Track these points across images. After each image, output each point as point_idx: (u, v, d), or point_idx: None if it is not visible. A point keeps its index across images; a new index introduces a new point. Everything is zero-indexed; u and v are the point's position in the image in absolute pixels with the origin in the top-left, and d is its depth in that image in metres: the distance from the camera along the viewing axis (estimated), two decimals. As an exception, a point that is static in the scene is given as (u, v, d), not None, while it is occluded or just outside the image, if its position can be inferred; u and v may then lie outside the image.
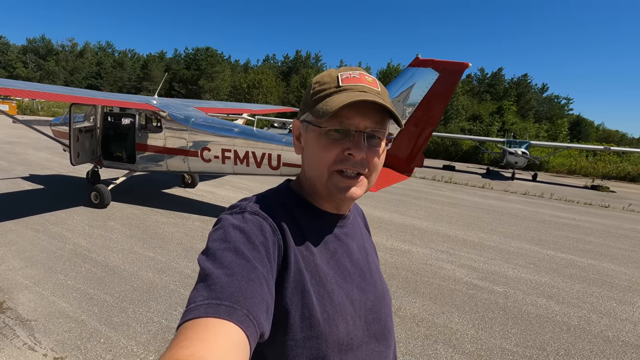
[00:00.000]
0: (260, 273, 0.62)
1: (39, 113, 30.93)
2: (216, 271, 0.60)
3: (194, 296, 0.57)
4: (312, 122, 0.76)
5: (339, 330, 0.71)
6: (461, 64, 5.06)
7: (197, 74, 52.63)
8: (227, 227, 0.68)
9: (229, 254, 0.62)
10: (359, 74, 0.76)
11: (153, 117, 7.06)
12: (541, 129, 32.12)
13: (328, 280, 0.74)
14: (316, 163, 0.76)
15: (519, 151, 16.56)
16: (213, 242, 0.66)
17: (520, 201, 11.14)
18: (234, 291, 0.57)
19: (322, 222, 0.81)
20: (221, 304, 0.55)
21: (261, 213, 0.72)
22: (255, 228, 0.68)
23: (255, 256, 0.64)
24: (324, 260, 0.76)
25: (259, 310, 0.58)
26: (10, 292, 3.59)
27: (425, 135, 5.51)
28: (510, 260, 5.56)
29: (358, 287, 0.80)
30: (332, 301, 0.73)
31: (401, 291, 4.21)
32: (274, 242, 0.69)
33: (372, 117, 0.73)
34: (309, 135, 0.78)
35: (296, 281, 0.70)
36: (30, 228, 5.30)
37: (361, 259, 0.85)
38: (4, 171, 8.87)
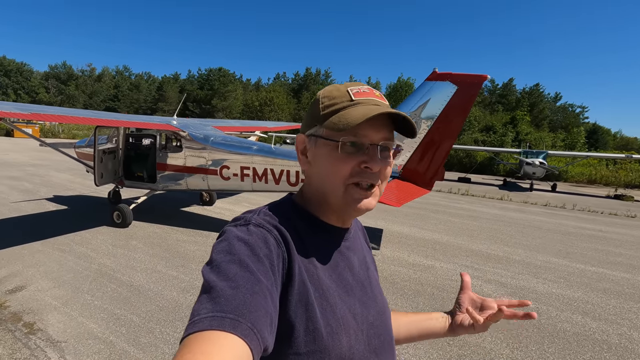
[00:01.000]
0: (264, 286, 0.62)
1: (60, 135, 32.03)
2: (221, 283, 0.59)
3: (198, 309, 0.57)
4: (324, 135, 0.76)
5: (342, 345, 0.71)
6: (479, 77, 5.06)
7: (210, 93, 53.94)
8: (231, 239, 0.68)
9: (234, 267, 0.62)
10: (368, 88, 0.78)
11: (173, 137, 7.22)
12: (557, 138, 31.53)
13: (331, 294, 0.74)
14: (331, 177, 0.76)
15: (537, 161, 16.24)
16: (217, 254, 0.66)
17: (542, 213, 10.85)
18: (238, 304, 0.57)
19: (326, 236, 0.81)
20: (226, 317, 0.54)
21: (266, 225, 0.72)
22: (260, 240, 0.68)
23: (260, 269, 0.64)
24: (326, 274, 0.77)
25: (263, 324, 0.58)
26: (40, 313, 3.63)
27: (445, 149, 5.46)
28: (539, 275, 5.37)
29: (360, 301, 0.80)
30: (335, 315, 0.73)
31: (428, 308, 4.09)
32: (278, 254, 0.69)
33: (385, 131, 0.76)
34: (321, 149, 0.77)
35: (300, 294, 0.69)
36: (57, 248, 5.40)
37: (362, 273, 0.86)
38: (29, 193, 9.15)
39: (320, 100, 0.78)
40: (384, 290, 4.14)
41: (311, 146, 0.80)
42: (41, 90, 59.98)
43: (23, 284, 4.23)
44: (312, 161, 0.80)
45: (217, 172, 6.58)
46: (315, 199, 0.81)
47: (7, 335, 3.24)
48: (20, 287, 4.15)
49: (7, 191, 9.20)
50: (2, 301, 3.82)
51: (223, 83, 54.76)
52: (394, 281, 4.81)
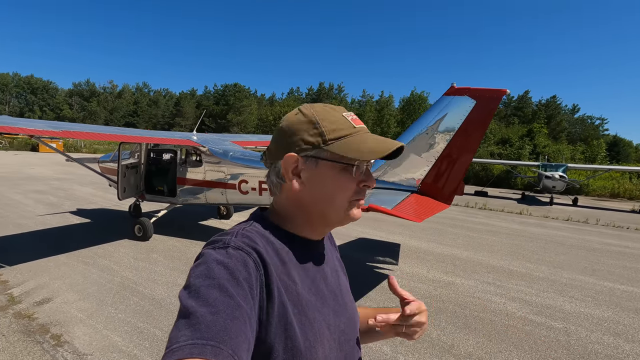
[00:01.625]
0: (244, 311, 0.62)
1: (82, 150, 33.16)
2: (200, 309, 0.58)
3: (176, 335, 0.56)
4: (331, 159, 0.78)
5: (318, 356, 0.74)
6: (498, 91, 5.05)
7: (226, 108, 55.14)
8: (210, 262, 0.67)
9: (214, 291, 0.61)
10: (354, 114, 0.85)
11: (193, 152, 7.39)
12: (576, 150, 30.80)
13: (310, 308, 0.76)
14: (337, 197, 0.79)
15: (557, 175, 15.86)
16: (196, 279, 0.64)
17: (564, 228, 10.54)
18: (219, 330, 0.56)
19: (303, 251, 0.83)
20: (207, 344, 0.54)
21: (245, 248, 0.71)
22: (239, 264, 0.68)
23: (240, 293, 0.63)
24: (305, 288, 0.78)
25: (243, 350, 0.58)
26: (66, 325, 3.71)
27: (465, 163, 5.42)
28: (565, 293, 5.20)
29: (333, 310, 0.82)
30: (313, 328, 0.75)
31: (451, 327, 4.00)
32: (256, 277, 0.69)
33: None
34: (324, 171, 0.79)
35: (280, 315, 0.70)
36: (81, 261, 5.54)
37: (334, 282, 0.88)
38: (54, 206, 9.45)
39: (320, 123, 0.79)
40: (406, 307, 4.09)
41: (309, 167, 0.80)
42: (65, 106, 62.55)
43: (50, 296, 4.34)
44: (309, 181, 0.80)
45: (236, 187, 6.68)
46: (299, 217, 0.83)
47: (35, 347, 3.32)
48: (47, 299, 4.27)
49: (33, 204, 9.53)
50: (30, 313, 3.92)
51: (238, 98, 55.96)
52: (414, 298, 4.73)
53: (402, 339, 3.50)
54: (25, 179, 14.25)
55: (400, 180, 5.65)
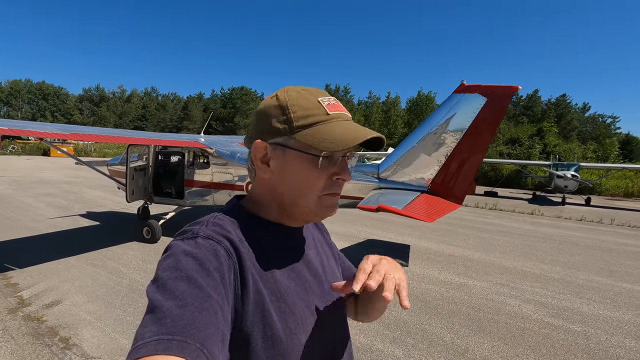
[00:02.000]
0: (214, 301, 0.59)
1: (92, 154, 33.61)
2: (167, 303, 0.56)
3: (142, 332, 0.53)
4: (297, 147, 0.74)
5: (301, 343, 0.72)
6: (510, 88, 4.93)
7: (233, 111, 55.55)
8: (178, 254, 0.64)
9: (181, 284, 0.58)
10: (335, 100, 0.78)
11: (201, 153, 7.39)
12: (588, 149, 30.23)
13: (289, 295, 0.74)
14: (304, 190, 0.75)
15: (569, 174, 15.57)
16: (163, 272, 0.61)
17: (578, 228, 10.31)
18: (186, 324, 0.53)
19: (280, 237, 0.80)
20: (172, 339, 0.51)
21: (215, 237, 0.68)
22: (209, 253, 0.65)
23: (210, 283, 0.61)
24: (284, 275, 0.76)
25: (213, 342, 0.55)
26: (75, 327, 3.69)
27: (475, 162, 5.31)
28: (582, 295, 5.04)
29: (317, 295, 0.81)
30: (294, 315, 0.73)
31: (465, 330, 3.88)
32: (229, 266, 0.66)
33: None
34: (291, 160, 0.75)
35: (256, 302, 0.68)
36: (90, 263, 5.54)
37: (319, 268, 0.85)
38: (64, 209, 9.54)
39: (290, 108, 0.74)
40: (417, 310, 3.96)
41: (277, 155, 0.76)
42: (75, 112, 63.62)
43: (59, 299, 4.34)
44: (277, 170, 0.77)
45: (244, 188, 6.63)
46: (274, 205, 0.80)
47: (44, 350, 3.30)
48: (57, 302, 4.26)
49: (44, 208, 9.63)
50: (39, 315, 3.92)
51: (245, 101, 56.32)
52: (426, 300, 4.63)
53: (414, 342, 3.42)
54: (36, 183, 14.45)
55: (409, 180, 5.55)
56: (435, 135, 5.35)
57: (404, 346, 3.51)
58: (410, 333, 3.76)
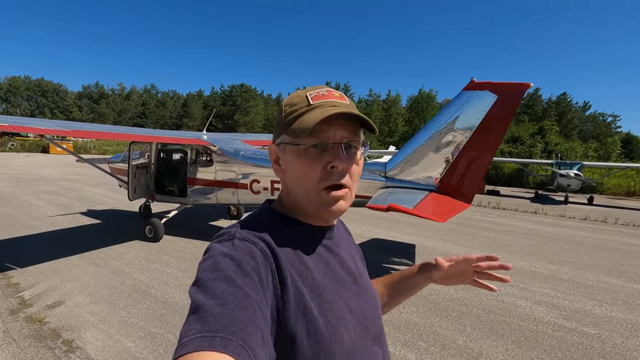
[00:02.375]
0: (253, 300, 0.61)
1: (91, 152, 33.43)
2: (208, 302, 0.58)
3: (186, 330, 0.55)
4: (289, 142, 0.77)
5: (343, 339, 0.72)
6: (521, 85, 4.83)
7: (233, 109, 55.29)
8: (216, 255, 0.67)
9: (221, 284, 0.61)
10: (327, 90, 0.79)
11: (203, 151, 7.28)
12: (589, 148, 30.14)
13: (327, 292, 0.75)
14: (302, 183, 0.77)
15: (572, 173, 15.45)
16: (203, 273, 0.64)
17: (583, 227, 10.23)
18: (228, 321, 0.55)
19: (312, 236, 0.82)
20: (216, 336, 0.53)
21: (250, 238, 0.71)
22: (246, 254, 0.67)
23: (248, 283, 0.63)
24: (320, 272, 0.77)
25: (254, 340, 0.56)
26: (78, 329, 3.60)
27: (485, 161, 5.21)
28: (593, 296, 4.96)
29: (354, 293, 0.82)
30: (333, 311, 0.73)
31: (477, 332, 3.80)
32: (266, 267, 0.68)
33: (347, 128, 0.76)
34: (288, 156, 0.78)
35: (297, 301, 0.69)
36: (92, 263, 5.45)
37: (352, 266, 0.87)
38: (65, 207, 9.43)
39: (283, 108, 0.79)
40: (427, 311, 3.87)
41: (282, 154, 0.80)
42: (74, 109, 63.31)
43: (61, 299, 4.25)
44: (285, 169, 0.81)
45: (248, 186, 6.55)
46: (293, 206, 0.82)
47: (47, 353, 3.21)
48: (59, 303, 4.17)
49: (45, 206, 9.52)
50: (42, 317, 3.82)
51: (245, 99, 56.08)
52: (435, 301, 4.54)
53: (426, 345, 3.30)
54: (36, 180, 14.33)
55: (417, 178, 5.46)
56: (444, 133, 5.25)
57: (416, 350, 3.43)
58: (422, 336, 3.68)
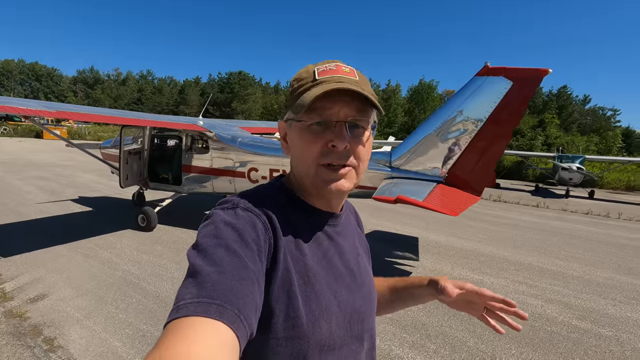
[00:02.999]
0: (251, 271, 0.60)
1: (86, 137, 32.85)
2: (207, 268, 0.57)
3: (183, 293, 0.54)
4: (293, 118, 0.75)
5: (322, 331, 0.70)
6: (539, 71, 4.52)
7: (230, 96, 54.50)
8: (218, 222, 0.66)
9: (221, 251, 0.60)
10: (335, 65, 0.75)
11: (199, 137, 6.95)
12: (590, 142, 29.95)
13: (317, 280, 0.73)
14: (302, 159, 0.75)
15: (574, 166, 15.25)
16: (204, 238, 0.63)
17: (586, 222, 10.04)
18: (225, 290, 0.55)
19: (315, 220, 0.80)
20: (212, 303, 0.52)
21: (254, 209, 0.70)
22: (248, 225, 0.66)
23: (247, 254, 0.62)
24: (315, 260, 0.75)
25: (250, 310, 0.56)
26: (61, 326, 3.34)
27: (497, 152, 4.94)
28: (606, 295, 4.75)
29: (347, 287, 0.79)
30: (319, 302, 0.71)
31: (489, 333, 3.57)
32: (265, 239, 0.67)
33: (352, 106, 0.72)
34: (292, 132, 0.77)
35: (283, 281, 0.68)
36: (81, 253, 5.17)
37: (352, 259, 0.84)
38: (55, 193, 9.10)
39: (292, 83, 0.78)
40: (435, 310, 3.62)
41: (289, 131, 0.79)
42: (69, 94, 62.11)
43: (45, 292, 3.98)
44: (291, 145, 0.79)
45: (245, 175, 6.25)
46: (297, 183, 0.80)
47: (25, 352, 2.95)
48: (42, 296, 3.90)
49: (35, 191, 9.19)
50: (22, 311, 3.56)
51: (243, 86, 55.27)
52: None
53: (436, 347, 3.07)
54: (27, 166, 13.94)
55: (424, 169, 5.18)
56: (454, 122, 4.96)
57: (425, 352, 3.20)
58: (431, 337, 3.45)
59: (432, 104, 42.15)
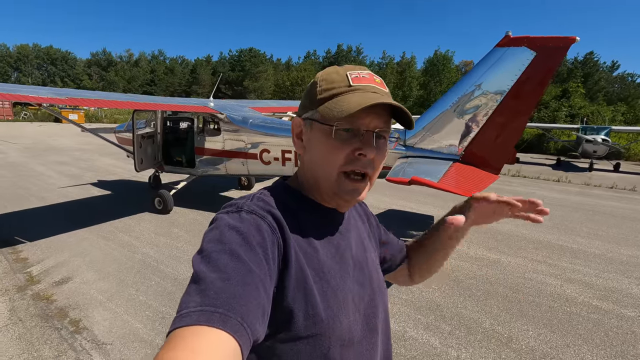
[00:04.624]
0: (256, 276, 0.59)
1: (102, 120, 33.42)
2: (211, 275, 0.57)
3: (186, 301, 0.54)
4: (319, 120, 0.73)
5: (342, 326, 0.71)
6: (565, 39, 4.21)
7: (242, 75, 53.97)
8: (222, 227, 0.65)
9: (225, 257, 0.59)
10: (368, 74, 0.76)
11: (211, 119, 6.92)
12: (617, 112, 28.45)
13: (333, 276, 0.73)
14: (324, 163, 0.74)
15: (599, 138, 14.57)
16: (208, 243, 0.63)
17: (610, 197, 9.68)
18: (228, 297, 0.54)
19: (323, 218, 0.80)
20: (215, 312, 0.52)
21: (258, 212, 0.69)
22: (253, 228, 0.65)
23: (252, 258, 0.61)
24: (328, 255, 0.75)
25: (254, 317, 0.56)
26: (85, 308, 3.48)
27: (518, 128, 4.72)
28: (629, 274, 4.61)
29: (357, 281, 0.79)
30: (337, 297, 0.71)
31: (505, 314, 3.54)
32: (272, 241, 0.66)
33: (381, 118, 0.73)
34: (315, 134, 0.75)
35: (298, 280, 0.67)
36: (101, 236, 5.33)
37: (359, 253, 0.84)
38: (75, 178, 9.36)
39: (318, 83, 0.76)
40: (450, 290, 3.58)
41: (307, 130, 0.78)
42: (84, 77, 62.92)
43: (69, 275, 4.13)
44: (307, 145, 0.78)
45: (257, 156, 6.22)
46: (309, 184, 0.80)
47: (53, 333, 3.09)
48: (67, 279, 4.06)
49: (56, 176, 9.47)
50: (49, 294, 3.71)
51: (254, 64, 54.55)
52: (458, 279, 4.27)
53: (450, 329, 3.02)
54: (48, 150, 14.33)
55: (439, 147, 5.02)
56: (472, 96, 4.73)
57: (440, 334, 3.19)
58: (445, 318, 3.44)
59: (447, 76, 40.62)
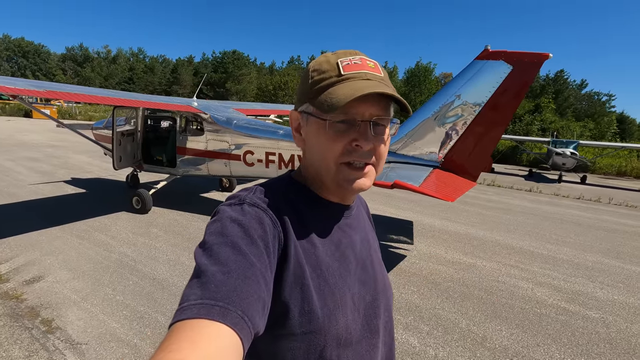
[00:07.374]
0: (257, 269, 0.59)
1: (77, 117, 32.19)
2: (212, 268, 0.57)
3: (187, 294, 0.55)
4: (314, 114, 0.72)
5: (339, 325, 0.70)
6: (539, 55, 4.47)
7: (225, 76, 53.48)
8: (224, 219, 0.65)
9: (226, 249, 0.59)
10: (360, 59, 0.72)
11: (194, 119, 6.84)
12: (586, 127, 30.08)
13: (331, 274, 0.72)
14: (322, 156, 0.73)
15: (568, 152, 15.37)
16: (210, 236, 0.63)
17: (577, 207, 10.20)
18: (229, 290, 0.54)
19: (326, 213, 0.79)
20: (215, 305, 0.52)
21: (261, 205, 0.69)
22: (254, 221, 0.65)
23: (253, 251, 0.61)
24: (328, 252, 0.74)
25: (255, 310, 0.55)
26: (58, 308, 3.36)
27: (494, 137, 4.94)
28: (594, 278, 4.88)
29: (359, 280, 0.78)
30: (334, 295, 0.71)
31: (480, 315, 3.67)
32: (274, 235, 0.66)
33: (377, 105, 0.70)
34: (311, 127, 0.74)
35: (295, 275, 0.67)
36: (76, 235, 5.15)
37: (364, 252, 0.83)
38: (47, 175, 8.98)
39: (310, 74, 0.73)
40: (428, 292, 3.70)
41: (304, 124, 0.76)
42: (58, 72, 60.46)
43: (41, 274, 3.97)
44: (306, 139, 0.77)
45: (241, 158, 6.20)
46: (312, 177, 0.79)
47: (24, 333, 2.96)
48: (38, 278, 3.90)
49: (26, 172, 9.05)
50: (19, 293, 3.56)
51: (237, 66, 54.21)
52: (436, 281, 4.40)
53: (429, 329, 3.11)
54: (17, 146, 13.68)
55: (420, 154, 5.18)
56: (452, 106, 4.92)
57: (419, 333, 3.28)
58: (424, 319, 3.53)
59: (428, 87, 41.75)
